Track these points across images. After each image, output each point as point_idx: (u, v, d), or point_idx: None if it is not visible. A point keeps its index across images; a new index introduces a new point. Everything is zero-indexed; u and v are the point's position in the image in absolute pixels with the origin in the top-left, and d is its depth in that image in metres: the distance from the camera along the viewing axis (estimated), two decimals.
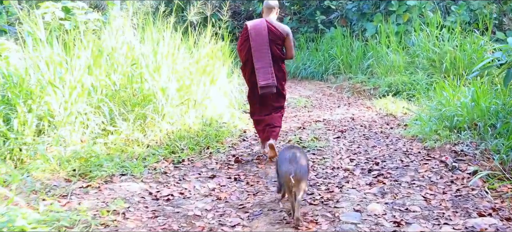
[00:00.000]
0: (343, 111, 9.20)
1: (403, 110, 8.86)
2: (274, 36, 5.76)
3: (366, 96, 11.08)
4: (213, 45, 8.55)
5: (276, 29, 5.79)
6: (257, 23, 5.81)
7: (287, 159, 4.03)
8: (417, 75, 10.74)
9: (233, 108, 8.27)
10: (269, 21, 5.82)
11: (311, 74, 14.33)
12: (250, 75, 5.89)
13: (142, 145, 6.02)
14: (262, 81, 5.67)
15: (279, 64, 5.88)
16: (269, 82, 5.67)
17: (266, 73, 5.67)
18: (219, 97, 7.85)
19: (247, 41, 5.79)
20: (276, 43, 5.78)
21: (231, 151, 6.27)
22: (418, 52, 11.66)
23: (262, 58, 5.68)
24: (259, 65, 5.68)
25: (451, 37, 11.38)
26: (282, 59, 5.91)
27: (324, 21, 15.95)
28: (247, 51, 5.80)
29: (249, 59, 5.78)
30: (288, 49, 5.92)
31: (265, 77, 5.66)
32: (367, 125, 7.88)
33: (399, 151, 6.15)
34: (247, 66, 5.88)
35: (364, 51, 13.36)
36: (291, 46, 5.90)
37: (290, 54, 5.95)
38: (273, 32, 5.76)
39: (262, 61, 5.68)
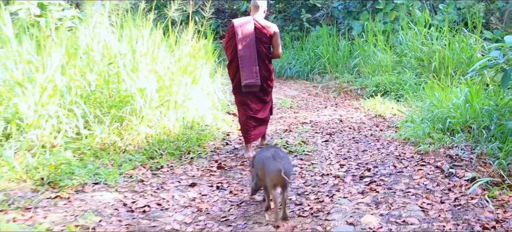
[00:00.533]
0: (331, 112, 8.85)
1: (392, 111, 8.54)
2: (261, 35, 5.69)
3: (353, 96, 10.75)
4: (195, 43, 8.15)
5: (263, 27, 5.70)
6: (244, 21, 5.73)
7: (271, 158, 3.93)
8: (405, 75, 10.44)
9: (216, 109, 7.87)
10: (256, 19, 5.73)
11: (296, 73, 13.96)
12: (235, 73, 5.81)
13: (119, 150, 5.62)
14: (246, 79, 5.63)
15: (266, 63, 5.81)
16: (253, 81, 5.63)
17: (250, 71, 5.62)
18: (201, 98, 7.44)
19: (233, 38, 5.72)
20: (262, 42, 5.71)
21: (214, 156, 5.88)
22: (406, 51, 11.37)
23: (248, 56, 5.62)
24: (244, 63, 5.62)
25: (440, 36, 11.11)
26: (269, 57, 5.84)
27: (310, 19, 15.60)
28: (233, 48, 5.73)
29: (235, 57, 5.71)
30: (275, 47, 5.83)
31: (249, 76, 5.62)
32: (356, 127, 7.53)
33: (391, 155, 5.80)
34: (233, 64, 5.81)
35: (350, 50, 13.03)
36: (279, 44, 5.81)
37: (277, 52, 5.85)
38: (260, 30, 5.68)
39: (247, 59, 5.62)
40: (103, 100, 6.18)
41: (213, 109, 7.78)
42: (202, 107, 7.29)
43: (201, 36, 8.52)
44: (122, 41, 6.85)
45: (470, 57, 10.39)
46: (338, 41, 13.45)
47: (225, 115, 8.08)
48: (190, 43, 7.69)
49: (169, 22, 7.70)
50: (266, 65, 5.82)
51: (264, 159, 4.01)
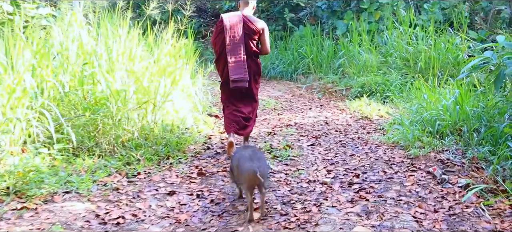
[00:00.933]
0: (316, 114, 8.58)
1: (379, 112, 8.29)
2: (249, 31, 5.64)
3: (338, 97, 10.50)
4: (176, 42, 7.83)
5: (252, 23, 5.67)
6: (233, 16, 5.68)
7: (248, 158, 3.95)
8: (391, 75, 10.22)
9: (197, 111, 7.55)
10: (245, 15, 5.69)
11: (279, 73, 13.68)
12: (223, 69, 5.75)
13: (93, 155, 5.28)
14: (234, 75, 5.56)
15: (254, 59, 5.78)
16: (241, 77, 5.58)
17: (239, 67, 5.57)
18: (181, 99, 7.12)
19: (221, 33, 5.66)
20: (251, 38, 5.67)
21: (194, 161, 5.56)
22: (391, 51, 11.15)
23: (236, 52, 5.58)
24: (232, 59, 5.57)
25: (425, 36, 10.92)
26: (257, 54, 5.82)
27: (293, 19, 15.34)
28: (221, 44, 5.67)
29: (223, 53, 5.66)
30: (264, 44, 5.81)
31: (237, 71, 5.57)
32: (342, 129, 7.27)
33: (380, 160, 5.54)
34: (221, 59, 5.74)
35: (334, 50, 12.79)
36: (267, 41, 5.80)
37: (265, 49, 5.85)
38: (249, 26, 5.64)
39: (235, 55, 5.57)
40: (78, 103, 5.84)
41: (194, 111, 7.46)
42: (183, 109, 6.97)
43: (182, 36, 8.21)
44: (99, 41, 6.50)
45: (456, 57, 10.22)
46: (322, 41, 13.20)
47: (207, 117, 7.77)
48: (170, 42, 7.35)
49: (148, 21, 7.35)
50: (254, 61, 5.79)
51: (239, 157, 4.02)
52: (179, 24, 7.38)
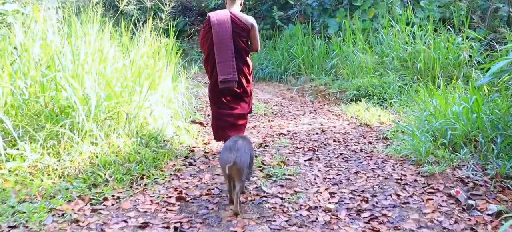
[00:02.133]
0: (310, 120, 7.74)
1: (379, 119, 7.48)
2: (238, 28, 5.38)
3: (332, 100, 9.68)
4: (155, 42, 6.97)
5: (240, 20, 5.40)
6: (221, 14, 5.39)
7: (227, 148, 3.93)
8: (388, 77, 9.43)
9: (179, 119, 6.68)
10: (233, 13, 5.43)
11: (268, 75, 12.84)
12: (212, 69, 5.47)
13: (54, 175, 4.40)
14: (222, 75, 5.31)
15: (244, 57, 5.50)
16: (230, 77, 5.32)
17: (227, 67, 5.32)
18: (161, 105, 6.25)
19: (209, 32, 5.38)
20: (240, 36, 5.41)
21: (173, 182, 4.67)
22: (387, 51, 10.36)
23: (224, 51, 5.32)
24: (220, 58, 5.31)
25: (424, 35, 10.16)
26: (247, 51, 5.54)
27: (282, 17, 14.50)
28: (209, 43, 5.39)
29: (211, 52, 5.39)
30: (253, 41, 5.55)
31: (225, 71, 5.31)
32: (341, 139, 6.44)
33: (390, 179, 4.71)
34: (209, 59, 5.46)
35: (326, 50, 11.96)
36: (257, 38, 5.54)
37: (255, 46, 5.59)
38: (237, 24, 5.37)
39: (223, 54, 5.32)
40: (39, 112, 4.97)
41: (176, 118, 6.59)
42: (162, 116, 6.10)
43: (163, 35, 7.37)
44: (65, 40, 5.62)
45: (457, 57, 9.48)
46: (313, 40, 12.37)
47: (190, 125, 6.91)
48: (148, 42, 6.48)
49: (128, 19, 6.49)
50: (244, 60, 5.50)
51: (222, 148, 4.02)
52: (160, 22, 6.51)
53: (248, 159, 3.95)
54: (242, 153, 3.85)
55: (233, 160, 3.74)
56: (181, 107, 7.09)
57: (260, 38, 13.92)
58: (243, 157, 3.84)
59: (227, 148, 3.92)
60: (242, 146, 3.95)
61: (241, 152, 3.86)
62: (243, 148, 3.93)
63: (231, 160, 3.74)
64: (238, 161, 3.76)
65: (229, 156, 3.78)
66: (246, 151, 3.97)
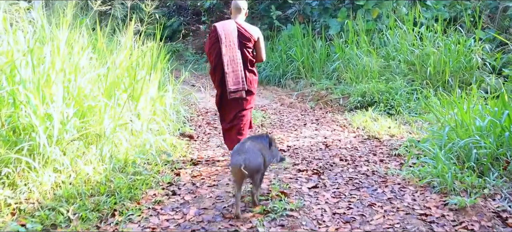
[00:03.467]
0: (312, 133, 6.88)
1: (389, 131, 6.64)
2: (244, 39, 5.26)
3: (334, 107, 8.84)
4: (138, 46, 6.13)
5: (246, 31, 5.28)
6: (227, 25, 5.29)
7: (236, 151, 3.82)
8: (395, 82, 8.59)
9: (165, 133, 5.84)
10: (239, 23, 5.31)
11: (266, 78, 11.99)
12: (220, 80, 5.29)
13: (7, 211, 3.56)
14: (232, 85, 5.20)
15: (250, 68, 5.37)
16: (239, 87, 5.22)
17: (236, 77, 5.21)
18: (143, 120, 5.40)
19: (216, 43, 5.24)
20: (246, 46, 5.28)
21: (151, 219, 3.78)
22: (393, 54, 9.52)
23: (232, 61, 5.20)
24: (229, 69, 5.19)
25: (433, 36, 9.33)
26: (252, 62, 5.42)
27: (280, 17, 13.65)
28: (216, 54, 5.24)
29: (219, 63, 5.24)
30: (258, 52, 5.43)
31: (235, 82, 5.21)
32: (348, 156, 5.59)
33: (412, 215, 3.83)
34: (217, 70, 5.29)
35: (328, 52, 11.12)
36: (262, 48, 5.44)
37: (260, 57, 5.47)
38: (244, 34, 5.26)
39: (232, 64, 5.20)
40: None
41: (161, 133, 5.75)
42: (144, 133, 5.25)
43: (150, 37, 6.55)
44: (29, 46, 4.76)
45: (469, 61, 8.65)
46: (313, 41, 11.51)
47: (178, 140, 6.08)
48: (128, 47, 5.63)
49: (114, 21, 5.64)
50: (251, 70, 5.38)
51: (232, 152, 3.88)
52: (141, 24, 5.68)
53: (259, 160, 3.79)
54: (251, 154, 3.73)
55: (243, 162, 3.60)
56: (168, 120, 6.26)
57: None
58: (252, 158, 3.71)
59: (236, 151, 3.81)
60: (251, 147, 3.83)
61: (250, 154, 3.73)
62: (252, 149, 3.80)
63: (240, 162, 3.60)
64: (247, 163, 3.62)
65: (238, 158, 3.66)
66: (256, 151, 3.82)
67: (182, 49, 16.81)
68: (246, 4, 5.53)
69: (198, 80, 12.69)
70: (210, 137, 6.61)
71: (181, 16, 18.33)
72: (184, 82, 12.20)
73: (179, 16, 18.26)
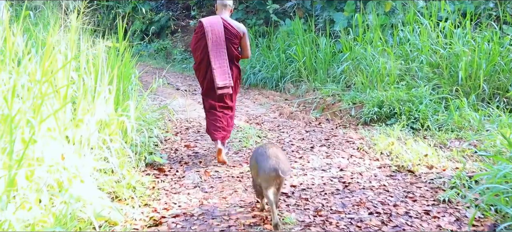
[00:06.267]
0: (323, 161, 5.04)
1: (425, 159, 4.86)
2: (230, 35, 5.16)
3: (345, 119, 7.06)
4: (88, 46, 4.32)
5: (232, 27, 5.18)
6: (213, 20, 5.17)
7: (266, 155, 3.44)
8: (419, 89, 6.81)
9: (122, 168, 4.04)
10: (224, 19, 5.20)
11: (262, 80, 10.15)
12: (205, 76, 5.18)
13: None
14: (220, 81, 5.09)
15: (236, 64, 5.30)
16: (227, 83, 5.12)
17: (223, 73, 5.11)
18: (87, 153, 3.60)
19: (202, 39, 5.11)
20: (232, 42, 5.18)
21: None
22: (414, 55, 7.75)
23: (219, 57, 5.11)
24: (216, 64, 5.09)
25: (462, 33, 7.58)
26: (238, 58, 5.33)
27: (278, 11, 11.82)
28: (202, 49, 5.13)
29: (205, 59, 5.13)
30: (244, 48, 5.34)
31: (222, 77, 5.10)
32: (379, 206, 3.79)
33: None
34: (202, 65, 5.18)
35: (333, 50, 9.31)
36: (248, 45, 5.35)
37: (246, 53, 5.39)
38: (230, 30, 5.16)
39: (219, 60, 5.11)
40: None
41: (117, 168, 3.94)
42: (77, 177, 3.43)
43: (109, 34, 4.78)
44: None
45: (507, 63, 6.89)
46: (316, 38, 9.69)
47: (141, 176, 4.28)
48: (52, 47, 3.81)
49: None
50: (236, 66, 5.31)
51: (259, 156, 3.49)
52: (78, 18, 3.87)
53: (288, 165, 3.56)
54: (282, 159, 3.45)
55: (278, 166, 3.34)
56: (132, 144, 4.47)
57: (251, 35, 11.33)
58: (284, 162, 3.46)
59: (263, 155, 3.44)
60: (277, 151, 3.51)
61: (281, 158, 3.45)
62: (280, 153, 3.51)
63: (276, 166, 3.33)
64: (282, 167, 3.36)
65: (271, 163, 3.35)
66: (284, 156, 3.61)
67: (170, 46, 14.97)
68: (232, 1, 5.39)
69: (184, 81, 10.88)
70: (186, 169, 4.81)
71: (170, 11, 16.49)
72: (168, 85, 10.41)
73: (168, 11, 16.42)
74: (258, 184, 3.51)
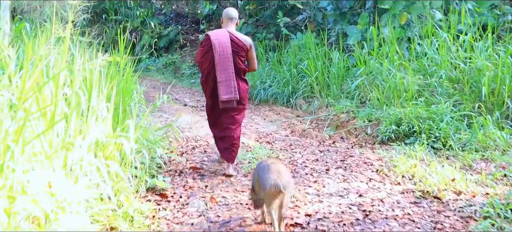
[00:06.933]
0: (339, 186, 4.60)
1: (451, 184, 4.41)
2: (237, 48, 5.08)
3: (361, 138, 6.62)
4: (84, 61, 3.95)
5: (238, 40, 5.09)
6: (220, 33, 5.10)
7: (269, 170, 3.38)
8: (439, 106, 6.38)
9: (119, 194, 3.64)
10: (231, 32, 5.12)
11: (273, 96, 9.74)
12: (212, 89, 5.09)
13: None
14: (225, 95, 4.99)
15: (242, 77, 5.18)
16: (231, 96, 5.01)
17: (228, 86, 5.00)
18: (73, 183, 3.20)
19: (209, 52, 5.03)
20: (239, 55, 5.09)
21: None
22: (433, 69, 7.32)
23: (225, 70, 5.00)
24: (222, 78, 4.99)
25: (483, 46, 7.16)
26: (244, 71, 5.22)
27: (289, 24, 11.45)
28: (209, 62, 5.03)
29: (212, 72, 5.04)
30: (251, 61, 5.25)
31: (227, 91, 4.99)
32: None
33: None
34: (209, 78, 5.08)
35: (347, 65, 8.90)
36: (254, 57, 5.25)
37: (253, 66, 5.30)
38: (236, 43, 5.07)
39: (225, 73, 4.99)
40: None
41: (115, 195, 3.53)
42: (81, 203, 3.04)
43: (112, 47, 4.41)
44: None
45: None
46: (329, 52, 9.28)
47: (141, 203, 3.88)
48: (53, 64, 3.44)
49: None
50: (243, 79, 5.20)
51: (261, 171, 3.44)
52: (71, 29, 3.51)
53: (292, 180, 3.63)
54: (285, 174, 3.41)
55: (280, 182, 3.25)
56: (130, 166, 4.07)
57: (261, 50, 10.95)
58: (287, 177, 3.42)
59: (265, 170, 3.39)
60: (280, 167, 3.48)
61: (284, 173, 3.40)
62: (282, 169, 3.47)
63: (278, 182, 3.25)
64: (284, 182, 3.28)
65: (273, 178, 3.28)
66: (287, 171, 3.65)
67: (179, 61, 14.63)
68: (237, 14, 5.34)
69: (192, 97, 10.50)
70: (191, 195, 4.39)
71: (179, 25, 16.18)
72: (176, 100, 10.05)
73: (177, 25, 16.11)
74: (261, 199, 3.46)
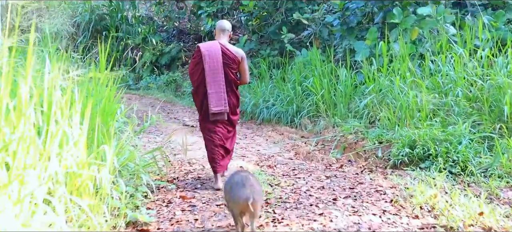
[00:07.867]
0: (349, 219, 3.93)
1: (479, 218, 3.80)
2: (228, 60, 5.05)
3: (371, 162, 6.03)
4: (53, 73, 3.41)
5: (230, 52, 5.07)
6: (211, 45, 5.11)
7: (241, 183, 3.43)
8: (456, 126, 5.79)
9: None
10: (222, 44, 5.10)
11: (276, 115, 9.16)
12: (202, 101, 5.07)
13: None
14: (214, 107, 4.98)
15: (234, 89, 5.16)
16: (222, 109, 4.99)
17: (219, 98, 4.99)
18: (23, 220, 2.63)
19: (200, 63, 5.04)
20: (230, 67, 5.08)
21: None
22: (448, 87, 6.73)
23: (216, 82, 4.99)
24: (212, 89, 4.98)
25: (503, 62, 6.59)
26: (236, 84, 5.20)
27: (293, 40, 10.90)
28: (199, 74, 5.04)
29: (202, 83, 5.04)
30: (243, 73, 5.24)
31: (218, 103, 4.98)
32: None
33: None
34: (199, 91, 5.09)
35: (354, 82, 8.32)
36: (246, 70, 5.24)
37: (245, 78, 5.28)
38: (227, 55, 5.05)
39: (215, 85, 4.99)
40: None
41: None
42: None
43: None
44: None
45: None
46: (335, 69, 8.71)
47: None
48: None
49: None
50: (234, 92, 5.17)
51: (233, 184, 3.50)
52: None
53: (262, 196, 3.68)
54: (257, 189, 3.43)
55: (252, 196, 3.29)
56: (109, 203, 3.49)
57: (264, 67, 10.40)
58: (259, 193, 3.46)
59: (240, 184, 3.41)
60: (254, 181, 3.50)
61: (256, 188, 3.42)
62: (255, 183, 3.49)
63: (249, 196, 3.29)
64: (256, 197, 3.33)
65: (245, 192, 3.32)
66: (260, 187, 3.59)
67: (180, 79, 14.11)
68: (230, 26, 5.30)
69: (192, 116, 9.94)
70: (177, 230, 3.79)
71: (181, 42, 15.69)
72: (175, 120, 9.52)
73: (179, 42, 15.62)
74: (231, 209, 3.51)
